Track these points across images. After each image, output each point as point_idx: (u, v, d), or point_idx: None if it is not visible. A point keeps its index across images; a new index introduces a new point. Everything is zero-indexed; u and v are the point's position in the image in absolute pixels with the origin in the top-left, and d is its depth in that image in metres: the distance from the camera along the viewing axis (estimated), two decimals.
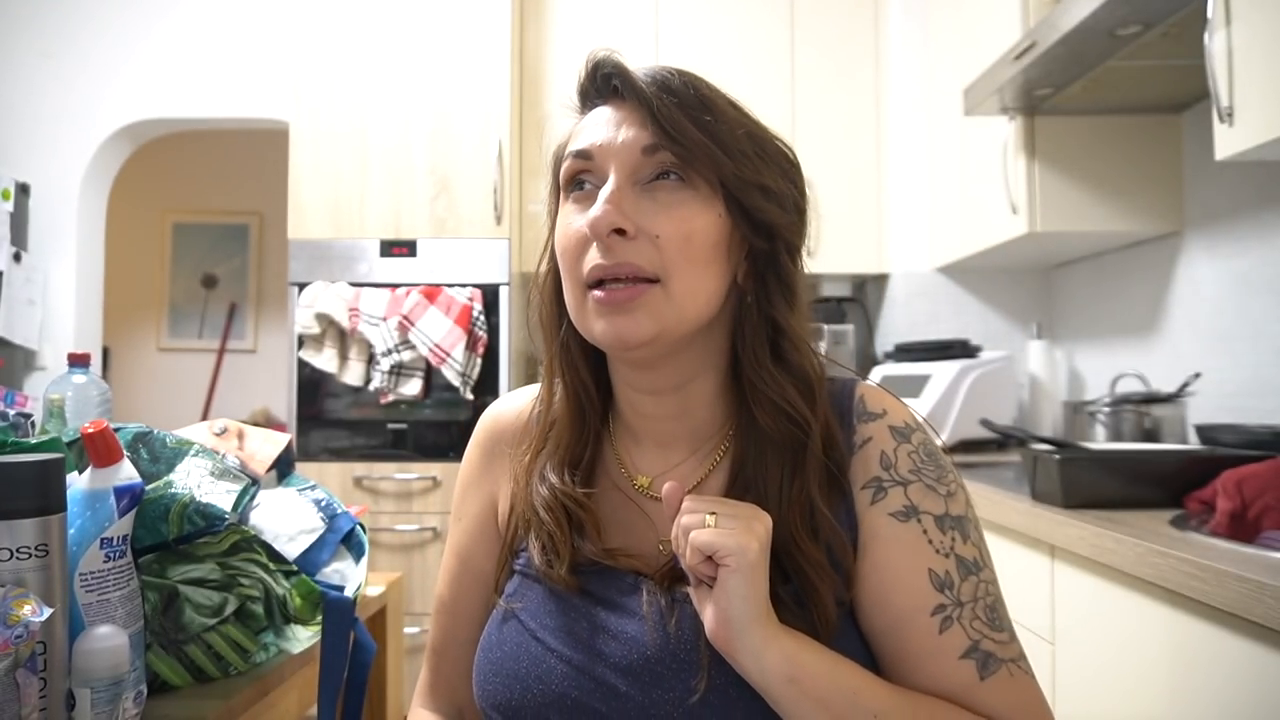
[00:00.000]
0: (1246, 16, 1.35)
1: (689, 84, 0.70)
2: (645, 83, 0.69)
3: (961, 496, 0.71)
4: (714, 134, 0.68)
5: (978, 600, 0.66)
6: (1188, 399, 1.94)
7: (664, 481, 0.71)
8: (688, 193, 0.68)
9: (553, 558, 0.72)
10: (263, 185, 4.17)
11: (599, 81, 0.73)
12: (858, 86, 2.96)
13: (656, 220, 0.67)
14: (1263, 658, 0.92)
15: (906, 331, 2.82)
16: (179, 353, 4.34)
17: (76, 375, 1.22)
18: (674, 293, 0.67)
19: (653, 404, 0.75)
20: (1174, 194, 2.08)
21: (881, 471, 0.70)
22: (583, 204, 0.71)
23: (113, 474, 0.77)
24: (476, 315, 2.61)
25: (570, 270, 0.70)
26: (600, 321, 0.68)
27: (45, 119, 3.08)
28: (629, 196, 0.68)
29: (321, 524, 1.04)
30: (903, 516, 0.68)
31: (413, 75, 2.71)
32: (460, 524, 0.83)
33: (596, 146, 0.70)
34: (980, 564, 0.68)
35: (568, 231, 0.71)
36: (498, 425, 0.84)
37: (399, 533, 2.60)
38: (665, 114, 0.67)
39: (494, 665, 0.71)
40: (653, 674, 0.65)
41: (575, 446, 0.76)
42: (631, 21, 2.94)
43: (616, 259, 0.67)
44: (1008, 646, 0.65)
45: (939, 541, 0.67)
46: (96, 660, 0.70)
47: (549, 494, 0.74)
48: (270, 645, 0.91)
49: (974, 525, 0.70)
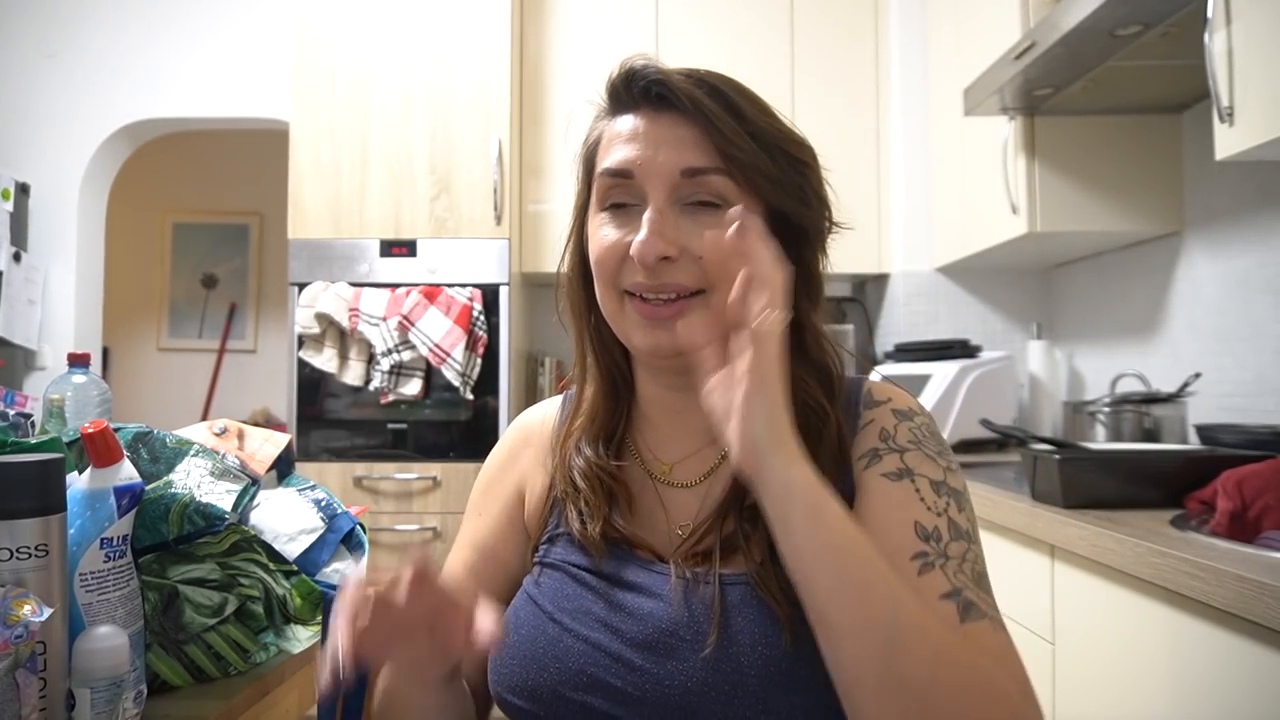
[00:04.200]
0: (1246, 16, 1.35)
1: (729, 97, 0.70)
2: (689, 97, 0.68)
3: (961, 478, 0.70)
4: (757, 153, 0.69)
5: (965, 560, 0.64)
6: (1188, 399, 1.94)
7: (680, 470, 0.76)
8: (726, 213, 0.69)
9: (588, 520, 0.73)
10: (263, 185, 4.17)
11: (636, 89, 0.72)
12: (858, 87, 2.95)
13: (696, 243, 0.68)
14: (1263, 658, 0.92)
15: (906, 331, 2.82)
16: (179, 353, 4.34)
17: (76, 375, 1.22)
18: (715, 304, 0.68)
19: (676, 398, 0.76)
20: (1174, 194, 2.08)
21: (879, 443, 0.70)
22: (620, 219, 0.71)
23: (113, 474, 0.77)
24: (476, 315, 2.61)
25: (608, 279, 0.72)
26: (639, 331, 0.70)
27: (45, 119, 3.08)
28: (670, 217, 0.68)
29: (321, 524, 1.04)
30: (895, 476, 0.68)
31: (413, 75, 2.71)
32: (481, 518, 0.83)
33: (636, 166, 0.70)
34: (972, 536, 0.67)
35: (604, 243, 0.71)
36: (526, 428, 0.87)
37: (399, 533, 2.60)
38: (714, 136, 0.68)
39: (511, 649, 0.72)
40: (666, 646, 0.66)
41: (609, 420, 0.78)
42: (632, 21, 2.94)
43: (660, 279, 0.68)
44: (992, 607, 0.63)
45: (932, 501, 0.66)
46: (96, 660, 0.70)
47: (585, 465, 0.76)
48: (270, 645, 0.91)
49: (969, 505, 0.69)
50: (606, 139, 0.73)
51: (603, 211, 0.73)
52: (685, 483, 0.76)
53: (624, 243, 0.70)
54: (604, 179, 0.72)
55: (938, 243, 2.77)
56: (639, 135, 0.70)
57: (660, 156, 0.69)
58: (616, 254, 0.70)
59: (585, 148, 0.77)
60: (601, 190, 0.72)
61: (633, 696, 0.65)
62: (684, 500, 0.76)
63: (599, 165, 0.73)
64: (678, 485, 0.76)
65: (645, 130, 0.70)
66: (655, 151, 0.69)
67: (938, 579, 0.62)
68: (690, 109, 0.69)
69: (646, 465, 0.78)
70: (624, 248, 0.70)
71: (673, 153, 0.69)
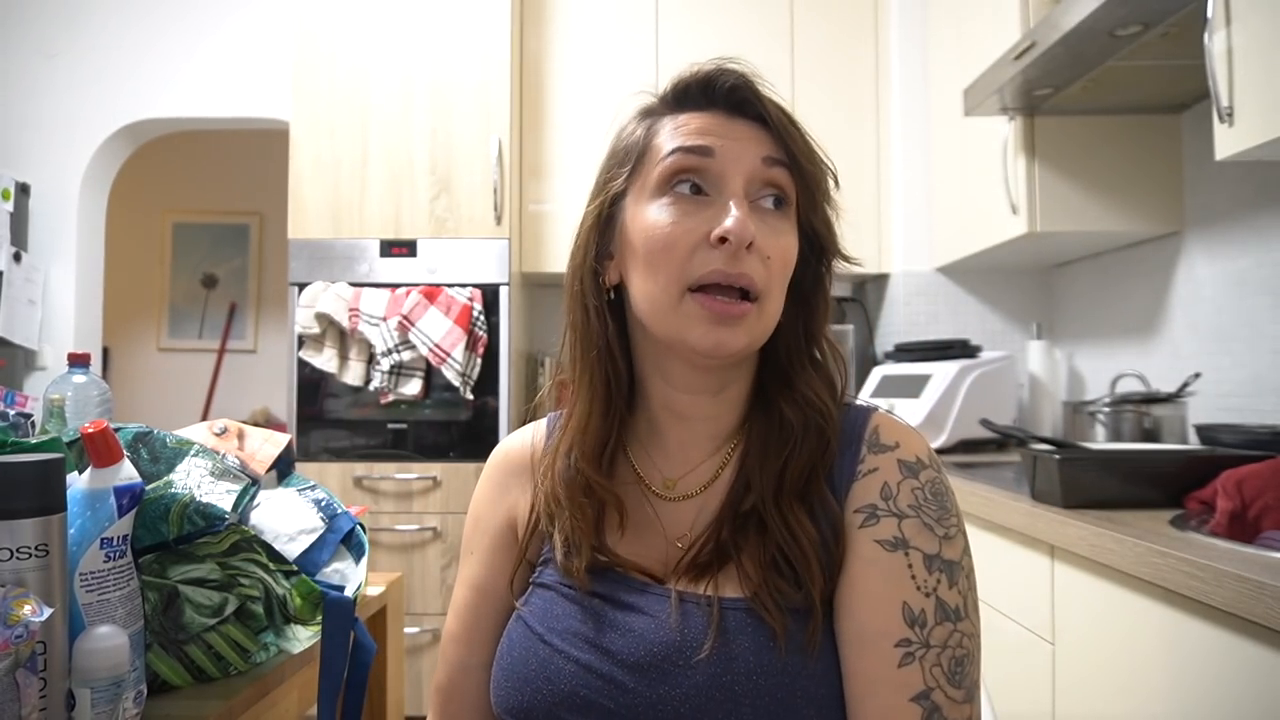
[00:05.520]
0: (1246, 17, 1.35)
1: (793, 117, 0.74)
2: (770, 106, 0.72)
3: (960, 543, 0.69)
4: (815, 171, 0.73)
5: (946, 648, 0.64)
6: (1188, 399, 1.94)
7: (681, 483, 0.75)
8: (786, 221, 0.72)
9: (573, 551, 0.72)
10: (263, 185, 4.17)
11: (718, 91, 0.72)
12: (857, 87, 2.95)
13: (768, 241, 0.69)
14: (1263, 658, 0.92)
15: (906, 331, 2.82)
16: (179, 353, 4.34)
17: (76, 375, 1.22)
18: (765, 312, 0.70)
19: (691, 404, 0.75)
20: (1174, 194, 2.08)
21: (879, 501, 0.69)
22: (690, 204, 0.70)
23: (113, 474, 0.77)
24: (476, 315, 2.61)
25: (674, 269, 0.69)
26: (702, 327, 0.68)
27: (45, 119, 3.08)
28: (747, 211, 0.69)
29: (321, 524, 1.04)
30: (890, 546, 0.67)
31: (413, 75, 2.71)
32: (473, 556, 0.83)
33: (719, 146, 0.70)
34: (961, 614, 0.66)
35: (673, 228, 0.69)
36: (509, 457, 0.85)
37: (399, 533, 2.60)
38: (790, 136, 0.71)
39: (504, 670, 0.72)
40: (659, 670, 0.66)
41: (601, 432, 0.76)
42: (632, 22, 2.94)
43: (741, 269, 0.68)
44: (958, 708, 0.63)
45: (923, 579, 0.65)
46: (96, 660, 0.70)
47: (573, 477, 0.74)
48: (270, 645, 0.91)
49: (966, 575, 0.68)
50: (669, 128, 0.72)
51: (663, 196, 0.71)
52: (685, 494, 0.75)
53: (697, 232, 0.68)
54: (678, 157, 0.70)
55: (938, 243, 2.77)
56: (711, 127, 0.71)
57: (740, 146, 0.70)
58: (690, 240, 0.68)
59: (635, 138, 0.75)
60: (669, 170, 0.70)
61: (625, 718, 0.65)
62: (680, 512, 0.75)
63: (663, 148, 0.71)
64: (676, 498, 0.75)
65: (721, 124, 0.71)
66: (736, 141, 0.70)
67: (913, 676, 0.63)
68: (768, 118, 0.71)
69: (643, 480, 0.77)
70: (698, 234, 0.68)
71: (752, 144, 0.70)
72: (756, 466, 0.71)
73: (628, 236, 0.73)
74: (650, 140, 0.73)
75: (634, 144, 0.75)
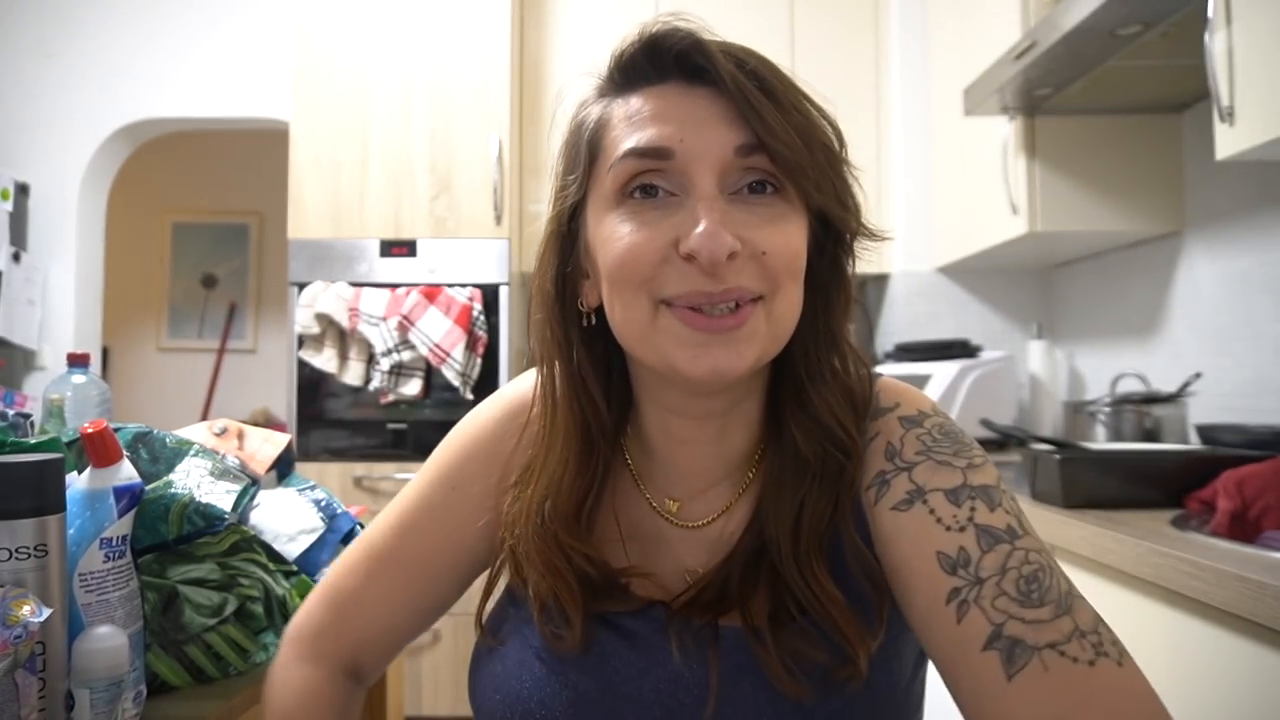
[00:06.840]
0: (1246, 16, 1.35)
1: (771, 72, 0.59)
2: (729, 75, 0.57)
3: (990, 471, 0.60)
4: (807, 137, 0.59)
5: (1006, 572, 0.54)
6: (1188, 399, 1.94)
7: (689, 508, 0.66)
8: (784, 204, 0.59)
9: (561, 627, 0.63)
10: (263, 185, 4.17)
11: (667, 58, 0.59)
12: (858, 87, 2.95)
13: (759, 235, 0.57)
14: (1263, 658, 0.92)
15: (906, 331, 2.82)
16: (179, 353, 4.34)
17: (76, 375, 1.22)
18: (775, 312, 0.59)
19: (692, 429, 0.65)
20: (1174, 194, 2.08)
21: (885, 463, 0.61)
22: (646, 214, 0.58)
23: (112, 474, 0.77)
24: (476, 315, 2.61)
25: (638, 287, 0.58)
26: (690, 350, 0.57)
27: (45, 119, 3.08)
28: (724, 208, 0.57)
29: (321, 524, 1.04)
30: (905, 504, 0.59)
31: (413, 74, 2.71)
32: (455, 491, 0.72)
33: (679, 144, 0.57)
34: (1017, 532, 0.56)
35: (630, 244, 0.58)
36: (523, 408, 0.72)
37: None
38: (763, 110, 0.57)
39: (494, 680, 0.66)
40: (665, 707, 0.60)
41: (580, 487, 0.65)
42: (631, 22, 2.93)
43: (725, 284, 0.56)
44: (1045, 627, 0.52)
45: (950, 517, 0.57)
46: (96, 660, 0.70)
47: (548, 540, 0.64)
48: (270, 645, 0.91)
49: (1006, 495, 0.59)
50: (619, 119, 0.60)
51: (620, 206, 0.59)
52: (695, 523, 0.66)
53: (658, 242, 0.57)
54: (628, 162, 0.58)
55: (938, 243, 2.77)
56: (669, 111, 0.58)
57: (706, 132, 0.57)
58: (650, 256, 0.57)
59: (582, 134, 0.63)
60: (622, 177, 0.58)
61: None
62: (691, 542, 0.66)
63: (615, 148, 0.59)
64: (688, 525, 0.66)
65: (677, 106, 0.58)
66: (699, 128, 0.57)
67: (976, 622, 0.53)
68: (730, 87, 0.57)
69: (651, 501, 0.68)
70: (659, 249, 0.57)
71: (720, 129, 0.57)
72: (771, 508, 0.62)
73: (592, 254, 0.62)
74: (601, 137, 0.61)
75: (586, 143, 0.63)
